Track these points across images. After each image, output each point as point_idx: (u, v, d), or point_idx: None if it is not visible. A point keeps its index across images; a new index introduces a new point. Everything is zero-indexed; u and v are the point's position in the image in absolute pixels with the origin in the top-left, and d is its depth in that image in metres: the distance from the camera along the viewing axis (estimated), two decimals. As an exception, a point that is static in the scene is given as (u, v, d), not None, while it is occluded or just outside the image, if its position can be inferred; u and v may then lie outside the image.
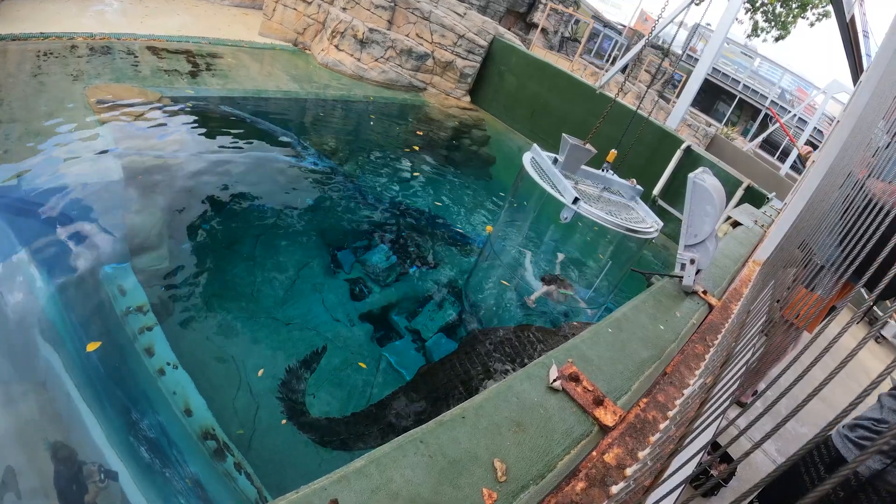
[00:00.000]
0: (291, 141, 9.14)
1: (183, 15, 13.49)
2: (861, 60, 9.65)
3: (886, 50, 3.85)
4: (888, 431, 0.69)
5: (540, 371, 2.13)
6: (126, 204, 6.08)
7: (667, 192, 11.84)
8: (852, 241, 1.90)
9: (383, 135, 11.56)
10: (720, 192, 3.42)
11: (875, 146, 3.41)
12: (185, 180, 6.91)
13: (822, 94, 31.02)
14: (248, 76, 11.15)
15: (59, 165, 6.18)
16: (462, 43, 14.59)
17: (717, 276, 4.14)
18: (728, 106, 37.47)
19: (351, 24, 13.17)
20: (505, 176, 11.93)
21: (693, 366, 2.72)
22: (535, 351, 5.25)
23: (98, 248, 5.44)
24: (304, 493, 1.34)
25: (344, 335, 5.69)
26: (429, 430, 1.68)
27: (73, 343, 4.51)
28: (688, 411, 2.02)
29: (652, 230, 4.95)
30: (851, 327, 1.00)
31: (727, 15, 12.80)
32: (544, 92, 14.38)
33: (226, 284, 5.79)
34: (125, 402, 4.34)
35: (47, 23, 9.83)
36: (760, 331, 2.41)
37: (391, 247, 7.29)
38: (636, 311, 3.05)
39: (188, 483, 4.03)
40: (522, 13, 26.87)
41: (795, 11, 24.00)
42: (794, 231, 4.19)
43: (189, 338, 5.03)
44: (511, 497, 1.57)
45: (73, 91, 7.82)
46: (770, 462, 4.30)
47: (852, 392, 3.80)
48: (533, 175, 5.08)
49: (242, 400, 4.64)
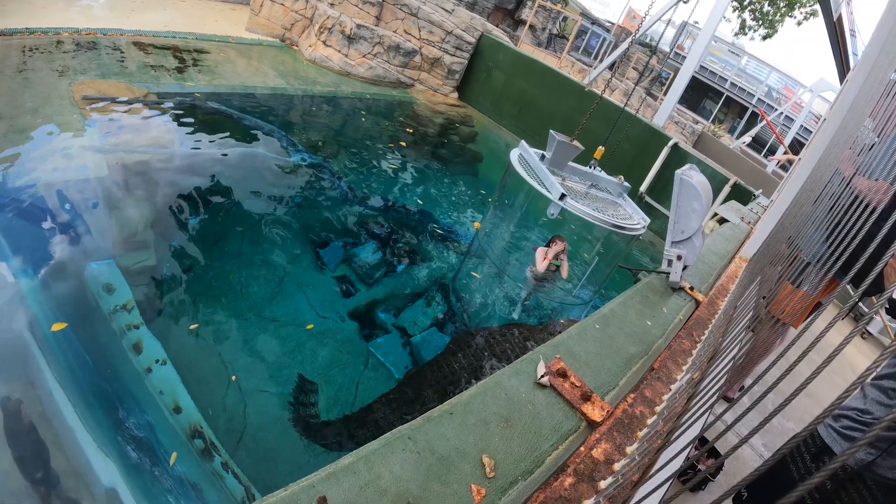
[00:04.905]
0: (278, 137, 9.08)
1: (170, 10, 13.37)
2: (848, 59, 9.73)
3: (873, 48, 3.88)
4: (874, 423, 0.69)
5: (528, 367, 2.14)
6: (111, 200, 6.03)
7: (654, 189, 11.90)
8: (838, 237, 1.91)
9: (371, 131, 11.52)
10: (707, 189, 3.44)
11: (861, 144, 3.44)
12: (171, 176, 6.85)
13: (808, 92, 31.36)
14: (234, 72, 11.07)
15: (44, 161, 6.11)
16: (450, 39, 14.57)
17: (703, 272, 4.16)
18: (715, 103, 37.74)
19: (338, 20, 13.11)
20: (492, 172, 11.92)
21: (680, 361, 2.73)
22: (523, 349, 5.26)
23: (83, 244, 5.38)
24: (293, 490, 1.34)
25: (331, 332, 5.67)
26: (417, 426, 1.68)
27: (57, 340, 4.47)
28: (675, 406, 2.03)
29: (639, 227, 4.97)
30: (837, 323, 1.01)
31: (715, 13, 12.86)
32: (532, 89, 14.40)
33: (213, 281, 5.75)
34: (112, 401, 4.30)
35: (34, 17, 9.71)
36: (747, 327, 2.42)
37: (378, 243, 7.27)
38: (623, 307, 3.06)
39: (176, 482, 4.01)
40: (510, 10, 26.90)
41: (783, 10, 24.15)
42: (781, 228, 4.22)
43: (176, 335, 4.99)
44: (499, 493, 1.57)
45: (58, 87, 7.74)
46: (757, 456, 4.34)
47: (838, 387, 3.86)
48: (520, 171, 5.08)
49: (230, 398, 4.62)
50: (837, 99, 6.12)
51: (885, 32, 3.74)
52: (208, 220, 6.54)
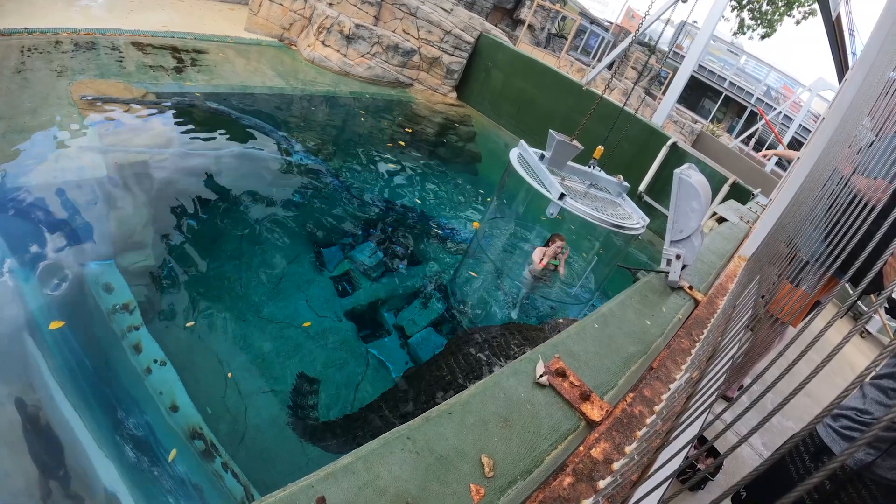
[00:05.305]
0: (277, 137, 9.08)
1: (168, 10, 13.36)
2: (846, 58, 9.75)
3: (872, 48, 3.87)
4: (873, 423, 0.69)
5: (527, 367, 2.14)
6: (110, 200, 6.02)
7: (653, 189, 11.90)
8: (837, 236, 1.91)
9: (369, 131, 11.51)
10: (706, 189, 3.44)
11: (859, 143, 3.44)
12: (169, 176, 6.84)
13: (807, 91, 31.38)
14: (233, 72, 11.06)
15: (43, 162, 6.10)
16: (449, 39, 14.56)
17: (702, 271, 4.16)
18: (714, 103, 37.74)
19: (337, 20, 13.11)
20: (491, 172, 11.92)
21: (679, 360, 2.73)
22: (522, 349, 5.25)
23: (82, 245, 5.38)
24: (291, 490, 1.34)
25: (330, 332, 5.67)
26: (415, 426, 1.67)
27: (56, 341, 4.46)
28: (674, 406, 2.03)
29: (638, 226, 4.97)
30: (836, 322, 1.01)
31: (713, 12, 12.85)
32: (531, 88, 14.39)
33: (211, 281, 5.74)
34: (112, 402, 4.30)
35: (33, 17, 9.70)
36: (746, 326, 2.42)
37: (377, 243, 7.27)
38: (622, 306, 3.06)
39: (176, 482, 4.01)
40: (509, 9, 26.91)
41: (781, 9, 24.15)
42: (779, 227, 4.22)
43: (175, 336, 4.99)
44: (498, 492, 1.57)
45: (57, 87, 7.73)
46: (756, 455, 4.34)
47: (837, 387, 3.85)
48: (519, 171, 5.08)
49: (230, 398, 4.62)
50: (836, 98, 6.13)
51: (883, 31, 3.73)
52: (207, 220, 6.53)
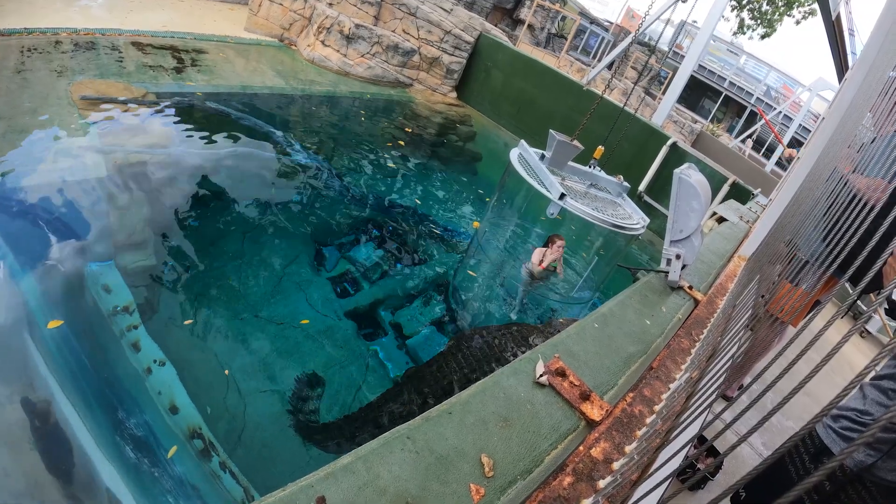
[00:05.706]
0: (277, 137, 9.08)
1: (168, 10, 13.35)
2: (846, 58, 9.75)
3: (872, 47, 3.88)
4: (873, 423, 0.69)
5: (526, 366, 2.14)
6: (110, 200, 6.02)
7: (653, 188, 11.90)
8: (837, 235, 1.91)
9: (369, 131, 11.51)
10: (706, 188, 3.44)
11: (859, 143, 3.44)
12: (169, 176, 6.84)
13: (807, 91, 31.35)
14: (233, 72, 11.06)
15: (43, 162, 6.10)
16: (448, 39, 14.56)
17: (702, 271, 4.16)
18: (714, 103, 37.72)
19: (337, 20, 13.10)
20: (491, 172, 11.92)
21: (679, 360, 2.73)
22: (521, 348, 5.25)
23: (82, 245, 5.38)
24: (291, 490, 1.34)
25: (330, 332, 5.67)
26: (415, 426, 1.67)
27: (55, 342, 4.46)
28: (674, 405, 2.03)
29: (638, 226, 4.97)
30: (836, 321, 1.01)
31: (713, 12, 12.84)
32: (531, 88, 14.39)
33: (211, 282, 5.74)
34: (112, 402, 4.29)
35: (33, 17, 9.69)
36: (746, 325, 2.42)
37: (377, 243, 7.27)
38: (622, 306, 3.06)
39: (175, 482, 4.00)
40: (509, 9, 26.91)
41: (781, 9, 24.14)
42: (779, 227, 4.22)
43: (175, 336, 4.99)
44: (499, 492, 1.57)
45: (57, 87, 7.73)
46: (756, 455, 4.34)
47: (837, 386, 3.85)
48: (520, 171, 5.08)
49: (230, 398, 4.61)
50: (836, 98, 6.13)
51: (883, 31, 3.74)
52: (207, 220, 6.53)
